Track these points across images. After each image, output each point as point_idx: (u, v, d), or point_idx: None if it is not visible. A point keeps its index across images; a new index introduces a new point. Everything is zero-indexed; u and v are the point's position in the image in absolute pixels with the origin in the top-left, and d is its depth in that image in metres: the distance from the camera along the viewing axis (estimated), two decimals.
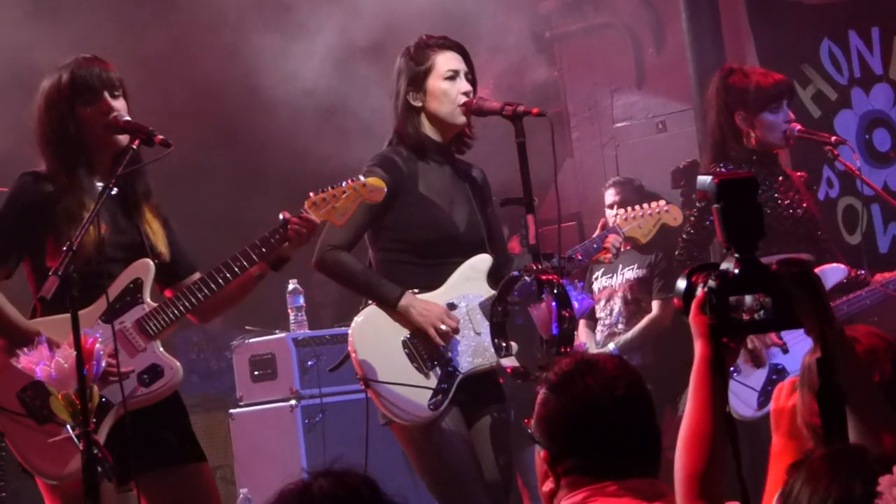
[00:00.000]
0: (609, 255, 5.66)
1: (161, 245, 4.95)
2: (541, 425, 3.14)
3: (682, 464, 2.78)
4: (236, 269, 4.86)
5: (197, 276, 5.01)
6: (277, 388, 7.59)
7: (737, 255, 2.70)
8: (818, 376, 2.61)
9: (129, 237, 4.90)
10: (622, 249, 5.74)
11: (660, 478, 3.09)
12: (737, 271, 2.70)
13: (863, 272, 6.30)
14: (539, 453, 3.15)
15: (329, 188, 5.00)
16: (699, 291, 2.78)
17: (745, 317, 2.72)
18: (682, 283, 2.84)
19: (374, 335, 5.27)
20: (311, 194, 4.99)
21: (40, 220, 4.82)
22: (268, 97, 8.42)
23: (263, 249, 4.89)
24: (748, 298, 2.72)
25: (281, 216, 4.94)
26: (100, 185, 4.83)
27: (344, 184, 5.02)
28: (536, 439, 3.16)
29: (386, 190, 5.11)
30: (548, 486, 3.14)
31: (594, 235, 5.73)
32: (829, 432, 2.55)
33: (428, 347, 5.25)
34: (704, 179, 2.75)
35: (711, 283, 2.71)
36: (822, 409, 2.56)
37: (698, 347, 2.79)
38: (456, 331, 5.26)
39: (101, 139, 4.86)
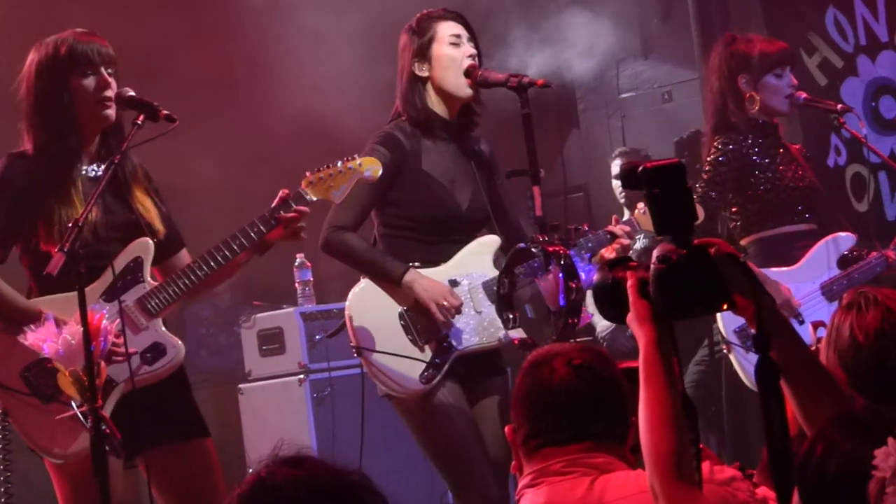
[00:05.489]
0: (616, 248, 5.50)
1: (156, 221, 4.97)
2: (512, 402, 3.39)
3: (651, 447, 2.80)
4: (235, 248, 4.88)
5: (184, 252, 5.03)
6: (286, 363, 7.60)
7: (675, 239, 2.68)
8: (755, 352, 2.62)
9: (121, 217, 4.89)
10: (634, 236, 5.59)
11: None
12: (677, 255, 2.68)
13: (865, 251, 6.31)
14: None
15: (326, 167, 5.01)
16: (630, 280, 2.80)
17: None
18: (602, 277, 2.87)
19: (371, 305, 5.29)
20: (308, 173, 5.00)
21: (31, 203, 4.80)
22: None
23: (263, 228, 4.90)
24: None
25: (280, 193, 4.95)
26: (89, 165, 4.86)
27: (339, 163, 5.03)
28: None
29: (381, 170, 5.10)
30: (514, 464, 3.36)
31: (607, 228, 5.52)
32: (768, 407, 2.56)
33: (424, 321, 5.25)
34: (630, 169, 2.72)
35: (656, 267, 2.71)
36: (760, 385, 2.57)
37: (643, 333, 2.81)
38: (458, 310, 5.25)
39: (91, 114, 4.85)
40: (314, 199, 4.97)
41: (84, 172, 4.86)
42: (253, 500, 2.18)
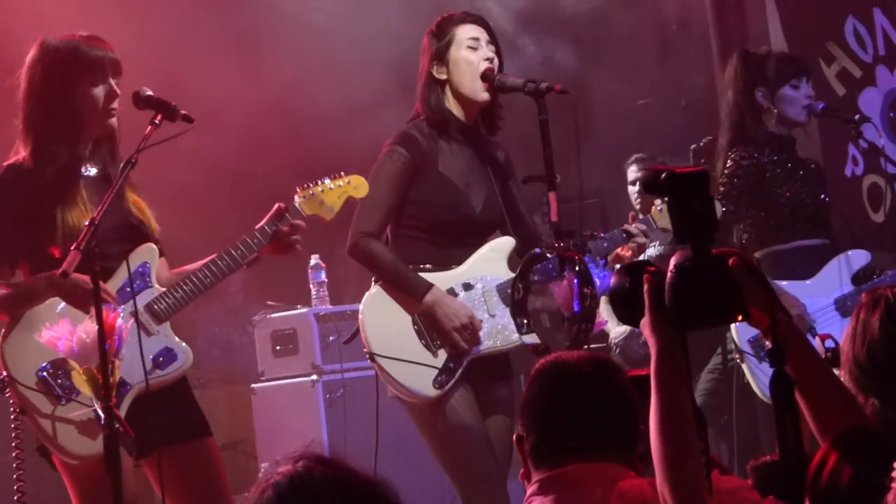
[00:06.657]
0: (632, 247, 5.49)
1: (152, 221, 4.99)
2: (519, 410, 3.40)
3: (661, 456, 2.80)
4: (237, 256, 4.91)
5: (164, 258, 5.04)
6: (299, 364, 7.61)
7: (693, 248, 2.66)
8: (770, 365, 2.61)
9: (117, 217, 4.88)
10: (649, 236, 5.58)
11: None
12: (695, 264, 2.66)
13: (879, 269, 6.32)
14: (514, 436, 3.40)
15: (314, 183, 5.05)
16: (647, 285, 2.80)
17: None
18: (621, 281, 2.87)
19: (384, 309, 5.29)
20: (299, 189, 5.05)
21: (33, 214, 4.80)
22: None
23: (262, 239, 4.93)
24: None
25: (275, 207, 4.98)
26: (89, 168, 4.87)
27: (327, 180, 5.07)
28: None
29: (367, 188, 5.13)
30: (522, 472, 3.36)
31: (623, 227, 5.50)
32: (781, 422, 2.55)
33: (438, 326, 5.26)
34: (653, 175, 2.71)
35: (672, 274, 2.70)
36: (774, 400, 2.56)
37: (656, 339, 2.81)
38: (477, 336, 5.26)
39: (98, 122, 4.86)
40: (308, 213, 5.01)
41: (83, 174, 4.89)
42: (290, 493, 2.22)
